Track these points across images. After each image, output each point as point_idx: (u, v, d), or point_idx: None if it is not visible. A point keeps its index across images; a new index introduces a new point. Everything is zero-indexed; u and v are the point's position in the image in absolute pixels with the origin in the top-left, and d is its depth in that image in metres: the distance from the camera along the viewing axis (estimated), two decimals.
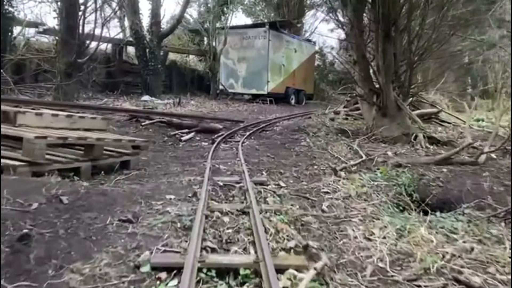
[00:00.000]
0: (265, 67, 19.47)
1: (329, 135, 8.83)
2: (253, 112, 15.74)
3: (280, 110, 17.51)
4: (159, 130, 9.27)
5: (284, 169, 5.56)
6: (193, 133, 9.13)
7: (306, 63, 23.39)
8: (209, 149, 7.01)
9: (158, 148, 7.19)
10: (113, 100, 14.51)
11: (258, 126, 11.03)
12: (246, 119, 12.86)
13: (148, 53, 16.96)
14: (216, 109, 15.04)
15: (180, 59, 21.74)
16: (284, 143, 7.67)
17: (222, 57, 20.18)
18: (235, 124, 11.18)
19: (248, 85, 19.99)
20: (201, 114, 12.82)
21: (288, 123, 11.51)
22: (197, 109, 14.40)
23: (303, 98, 22.89)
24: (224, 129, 9.84)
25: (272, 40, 19.49)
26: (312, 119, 11.39)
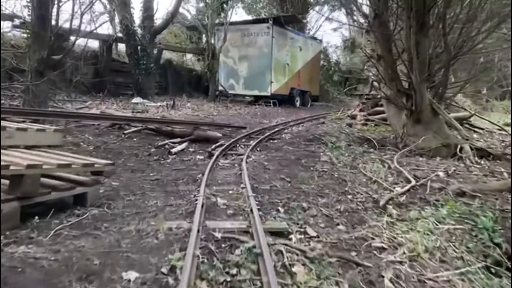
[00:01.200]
0: (268, 67, 17.89)
1: (352, 146, 7.24)
2: (256, 115, 14.15)
3: (285, 113, 15.92)
4: (145, 140, 7.67)
5: (307, 201, 3.96)
6: (186, 143, 7.54)
7: (312, 62, 21.83)
8: (205, 166, 5.42)
9: (139, 166, 5.57)
10: (99, 102, 12.91)
11: (264, 133, 9.44)
12: (249, 124, 11.27)
13: (140, 51, 15.37)
14: (214, 113, 13.45)
15: (176, 58, 20.16)
16: (299, 158, 6.06)
17: (222, 56, 18.60)
18: (236, 130, 9.58)
19: (250, 86, 18.40)
20: (197, 119, 11.23)
21: (298, 130, 9.90)
22: (194, 113, 12.81)
23: (309, 100, 21.33)
24: (224, 137, 8.26)
25: (276, 37, 17.92)
26: (326, 125, 9.80)
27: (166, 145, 7.30)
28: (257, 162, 5.86)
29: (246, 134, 8.59)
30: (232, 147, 7.36)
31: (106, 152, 6.41)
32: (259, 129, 9.66)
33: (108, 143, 7.14)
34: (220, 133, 8.85)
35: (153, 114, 11.56)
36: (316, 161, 5.89)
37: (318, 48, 23.02)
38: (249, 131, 9.47)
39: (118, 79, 16.23)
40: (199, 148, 7.36)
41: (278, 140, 8.30)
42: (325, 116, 14.44)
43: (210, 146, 7.38)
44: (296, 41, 19.91)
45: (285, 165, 5.59)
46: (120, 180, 4.66)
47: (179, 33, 21.96)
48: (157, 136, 8.00)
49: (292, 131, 9.79)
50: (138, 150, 6.86)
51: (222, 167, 5.61)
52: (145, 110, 11.89)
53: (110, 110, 11.54)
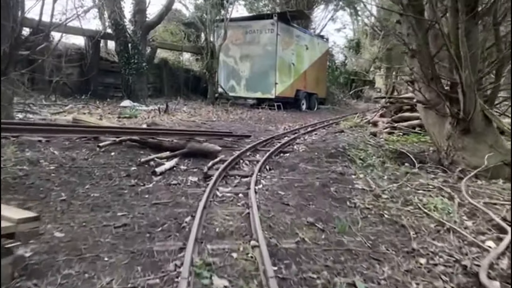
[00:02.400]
0: (273, 67, 16.36)
1: (387, 164, 5.69)
2: (260, 121, 12.61)
3: (291, 118, 14.38)
4: (126, 154, 6.12)
5: (360, 273, 2.42)
6: (176, 158, 5.99)
7: (318, 62, 20.31)
8: (197, 198, 3.89)
9: (105, 198, 4.01)
10: (81, 106, 11.37)
11: (272, 143, 7.90)
12: (253, 132, 9.73)
13: (130, 48, 13.83)
14: (213, 118, 11.91)
15: (172, 58, 18.63)
16: (326, 184, 4.51)
17: (222, 55, 17.06)
18: (239, 140, 8.03)
19: (252, 88, 16.86)
20: (193, 126, 9.69)
21: (312, 139, 8.35)
22: (190, 118, 11.26)
23: (315, 103, 19.80)
24: (224, 150, 6.73)
25: (281, 34, 16.39)
26: (345, 134, 8.23)
27: (152, 161, 5.75)
28: (269, 190, 4.30)
29: (252, 147, 7.04)
30: (234, 164, 5.82)
31: (69, 174, 4.86)
32: (266, 139, 8.11)
33: (76, 159, 5.59)
34: (220, 144, 7.30)
35: (143, 120, 10.02)
36: (349, 189, 4.34)
37: (325, 47, 21.50)
38: (254, 142, 7.93)
39: (107, 80, 14.69)
40: (193, 166, 5.82)
41: (291, 154, 6.74)
42: (338, 122, 12.90)
43: (207, 162, 5.85)
44: (302, 39, 18.38)
45: (309, 196, 4.03)
46: (70, 227, 3.10)
47: (176, 31, 20.44)
48: (142, 149, 6.45)
49: (306, 141, 8.25)
50: (114, 169, 5.31)
51: (222, 199, 4.04)
52: (134, 115, 10.34)
53: (94, 115, 10.01)
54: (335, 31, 47.00)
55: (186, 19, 19.19)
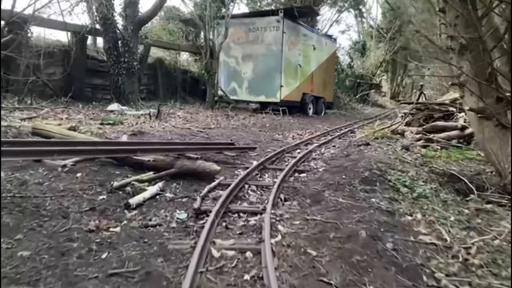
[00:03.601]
0: (278, 68, 14.94)
1: (442, 194, 4.25)
2: (265, 128, 11.17)
3: (299, 125, 12.96)
4: (97, 175, 4.68)
5: None
6: (162, 182, 4.56)
7: (326, 64, 18.90)
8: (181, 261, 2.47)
9: (37, 262, 2.57)
10: (61, 110, 9.92)
11: (283, 158, 6.47)
12: (258, 141, 8.30)
13: (120, 46, 12.42)
14: (212, 124, 10.46)
15: (169, 57, 17.20)
16: (374, 234, 3.04)
17: (222, 54, 15.64)
18: (242, 155, 6.58)
19: (256, 91, 15.43)
20: (187, 134, 8.25)
21: (332, 154, 6.89)
22: (185, 125, 9.82)
23: (322, 108, 18.38)
24: (224, 169, 5.31)
25: (287, 32, 14.98)
26: (373, 148, 6.75)
27: (127, 187, 4.32)
28: (293, 246, 2.85)
29: (259, 164, 5.59)
30: (238, 191, 4.38)
31: (7, 209, 3.42)
32: (275, 152, 6.66)
33: (28, 184, 4.15)
34: (219, 159, 5.88)
35: (129, 127, 8.58)
36: (412, 243, 2.89)
37: (333, 48, 20.09)
38: (261, 156, 6.50)
39: (95, 81, 13.26)
40: (183, 192, 4.38)
41: (310, 175, 5.30)
42: (352, 130, 11.48)
43: (202, 187, 4.45)
44: (309, 38, 16.97)
45: (358, 262, 2.58)
46: None
47: (174, 29, 19.01)
48: (120, 167, 5.01)
49: (323, 155, 6.80)
50: (75, 199, 3.88)
51: (220, 265, 2.59)
52: (119, 121, 8.90)
53: (71, 121, 8.58)
54: (339, 33, 45.57)
55: (184, 16, 17.79)
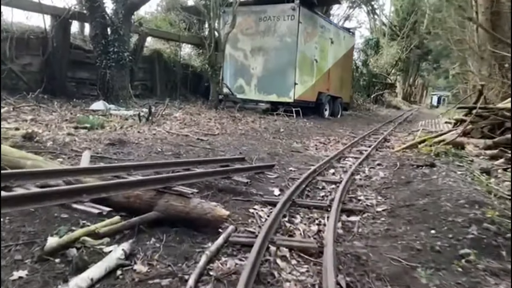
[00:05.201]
0: (292, 63, 13.03)
1: None
2: (279, 133, 9.27)
3: (318, 129, 11.06)
4: (24, 223, 2.80)
5: None
6: (129, 242, 2.65)
7: (343, 60, 16.96)
8: None
9: None
10: (31, 109, 8.05)
11: (315, 185, 4.56)
12: (275, 155, 6.39)
13: (110, 33, 10.55)
14: (216, 129, 8.57)
15: (168, 50, 15.30)
16: None
17: (228, 47, 13.73)
18: (257, 177, 4.67)
19: (266, 89, 13.51)
20: (184, 145, 6.33)
21: (383, 178, 4.96)
22: (182, 129, 7.93)
23: (339, 109, 16.45)
24: (233, 207, 3.44)
25: (303, 22, 13.06)
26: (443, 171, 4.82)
27: (75, 244, 2.46)
28: None
29: (286, 199, 3.67)
30: (263, 259, 2.49)
31: None
32: (301, 174, 4.77)
33: None
34: (226, 185, 3.99)
35: (111, 132, 6.70)
36: None
37: (351, 43, 18.11)
38: (284, 180, 4.62)
39: (80, 74, 11.38)
40: (164, 263, 2.49)
41: (369, 224, 3.38)
42: (387, 138, 9.56)
43: (198, 246, 2.58)
44: (327, 31, 15.03)
45: None
46: None
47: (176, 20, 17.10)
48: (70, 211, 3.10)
49: (372, 181, 4.87)
50: None
51: None
52: (99, 125, 7.02)
53: (37, 123, 6.71)
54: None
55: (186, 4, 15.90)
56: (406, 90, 42.74)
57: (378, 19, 40.52)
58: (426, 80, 52.67)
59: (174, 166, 4.00)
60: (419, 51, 37.59)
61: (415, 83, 46.84)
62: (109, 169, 3.38)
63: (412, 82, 45.12)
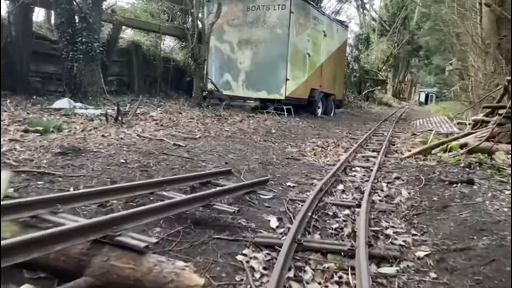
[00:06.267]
0: (283, 57, 11.91)
1: None
2: (271, 135, 8.16)
3: (312, 130, 9.99)
4: None
5: None
6: None
7: (337, 54, 15.91)
8: None
9: None
10: None
11: (324, 211, 3.46)
12: (268, 164, 5.28)
13: (77, 21, 9.28)
14: (197, 131, 7.40)
15: (148, 42, 14.01)
16: None
17: (214, 39, 12.56)
18: (248, 200, 3.55)
19: (255, 85, 12.36)
20: (156, 153, 5.15)
21: (409, 199, 3.88)
22: (157, 131, 6.74)
23: (332, 107, 15.44)
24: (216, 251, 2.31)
25: (295, 12, 11.94)
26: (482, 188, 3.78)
27: None
28: None
29: (291, 241, 2.56)
30: None
31: None
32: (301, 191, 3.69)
33: None
34: (206, 216, 2.86)
35: (68, 136, 5.49)
36: None
37: (344, 36, 17.05)
38: (283, 205, 3.52)
39: (45, 68, 10.07)
40: None
41: (412, 276, 2.31)
42: (392, 141, 8.52)
43: None
44: (320, 22, 13.93)
45: None
46: None
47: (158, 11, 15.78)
48: None
49: (395, 203, 3.79)
50: None
51: None
52: (56, 128, 5.80)
53: None
54: None
55: None
56: (396, 86, 42.03)
57: (368, 14, 39.69)
58: (415, 77, 52.19)
59: (130, 192, 2.85)
60: (409, 47, 36.92)
61: (404, 80, 46.21)
62: (17, 207, 2.20)
63: (402, 79, 44.46)
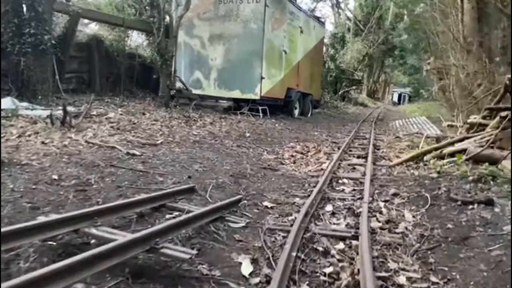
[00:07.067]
0: (258, 53, 11.08)
1: None
2: (245, 139, 7.31)
3: (290, 133, 9.21)
4: None
5: None
6: None
7: (314, 52, 15.23)
8: None
9: None
10: None
11: (313, 243, 2.63)
12: (241, 176, 4.44)
13: (24, 10, 8.16)
14: (160, 135, 6.47)
15: (111, 37, 12.89)
16: None
17: (182, 34, 11.61)
18: (209, 234, 2.69)
19: (228, 84, 11.47)
20: (102, 165, 4.21)
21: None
22: (111, 137, 5.77)
23: (309, 107, 14.75)
24: None
25: (270, 6, 11.13)
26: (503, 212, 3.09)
27: None
28: None
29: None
30: None
31: None
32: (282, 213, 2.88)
33: None
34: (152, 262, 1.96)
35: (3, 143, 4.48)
36: None
37: (321, 34, 16.38)
38: (255, 233, 2.68)
39: None
40: None
41: None
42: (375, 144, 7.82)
43: None
44: (296, 18, 13.19)
45: None
46: None
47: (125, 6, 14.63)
48: None
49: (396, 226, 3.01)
50: None
51: None
52: None
53: None
54: None
55: None
56: (371, 86, 42.02)
57: (343, 13, 39.43)
58: (388, 77, 52.52)
59: (39, 234, 1.95)
60: (383, 46, 36.88)
61: (379, 80, 46.34)
62: None
63: (376, 79, 44.53)
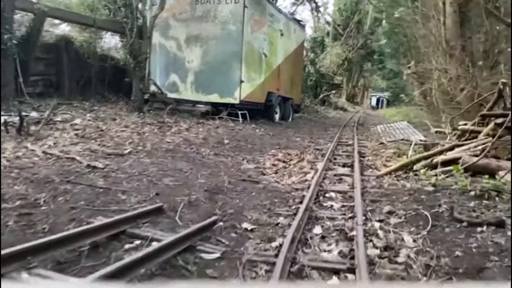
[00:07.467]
0: (237, 56, 10.62)
1: None
2: (223, 147, 6.82)
3: (272, 139, 8.76)
4: None
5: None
6: None
7: (294, 56, 14.88)
8: None
9: None
10: None
11: (301, 279, 2.17)
12: (218, 192, 3.94)
13: None
14: (129, 144, 5.91)
15: (82, 38, 12.19)
16: None
17: (157, 35, 11.04)
18: (176, 271, 2.20)
19: (205, 88, 10.96)
20: (55, 179, 3.66)
21: (417, 243, 2.69)
22: (74, 147, 5.20)
23: (290, 112, 14.37)
24: None
25: (249, 7, 10.71)
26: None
27: None
28: None
29: None
30: None
31: None
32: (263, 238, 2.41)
33: None
34: None
35: None
36: None
37: (301, 37, 16.06)
38: (233, 270, 2.19)
39: None
40: None
41: None
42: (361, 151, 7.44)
43: None
44: (276, 20, 12.82)
45: None
46: None
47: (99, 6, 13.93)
48: None
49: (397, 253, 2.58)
50: None
51: None
52: None
53: None
54: None
55: None
56: (350, 91, 42.19)
57: (322, 17, 39.47)
58: (367, 81, 52.97)
59: None
60: (362, 51, 37.06)
61: (358, 84, 46.62)
62: None
63: (355, 83, 44.77)
